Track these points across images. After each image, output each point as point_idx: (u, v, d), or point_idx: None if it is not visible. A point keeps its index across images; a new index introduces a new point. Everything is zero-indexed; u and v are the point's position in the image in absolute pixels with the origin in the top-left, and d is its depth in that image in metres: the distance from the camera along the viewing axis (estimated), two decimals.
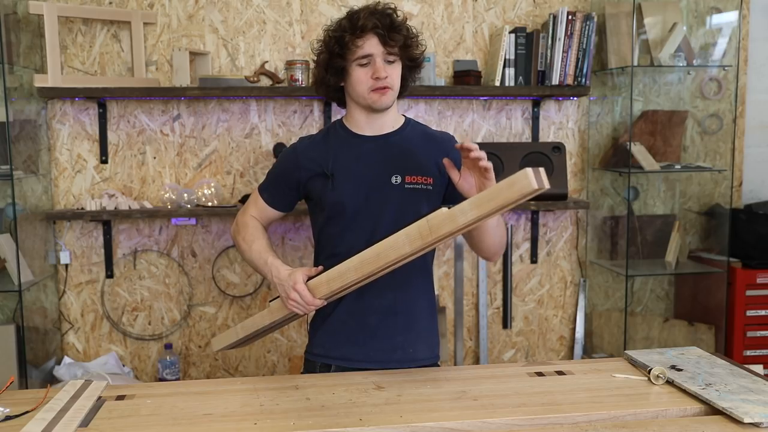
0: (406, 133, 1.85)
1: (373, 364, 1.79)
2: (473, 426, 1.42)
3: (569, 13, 2.86)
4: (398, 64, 1.76)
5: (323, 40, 1.79)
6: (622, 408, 1.49)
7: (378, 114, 1.80)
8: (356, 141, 1.83)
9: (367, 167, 1.80)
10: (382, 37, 1.71)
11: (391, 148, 1.81)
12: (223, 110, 2.92)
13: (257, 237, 1.86)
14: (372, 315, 1.80)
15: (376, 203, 1.78)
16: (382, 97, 1.75)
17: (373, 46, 1.71)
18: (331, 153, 1.82)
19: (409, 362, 1.81)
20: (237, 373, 3.03)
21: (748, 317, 3.06)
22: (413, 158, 1.81)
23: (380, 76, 1.72)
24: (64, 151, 2.86)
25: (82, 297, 2.93)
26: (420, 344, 1.85)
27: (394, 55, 1.74)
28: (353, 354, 1.81)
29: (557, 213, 3.14)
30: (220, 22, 2.88)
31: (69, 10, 2.70)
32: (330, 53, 1.75)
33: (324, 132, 1.91)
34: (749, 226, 3.10)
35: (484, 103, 3.04)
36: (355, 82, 1.75)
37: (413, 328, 1.84)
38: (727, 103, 3.17)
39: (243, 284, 2.99)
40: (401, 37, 1.73)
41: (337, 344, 1.82)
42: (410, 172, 1.79)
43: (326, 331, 1.85)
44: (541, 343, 3.20)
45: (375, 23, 1.69)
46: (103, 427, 1.43)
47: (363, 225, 1.78)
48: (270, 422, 1.43)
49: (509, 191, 1.38)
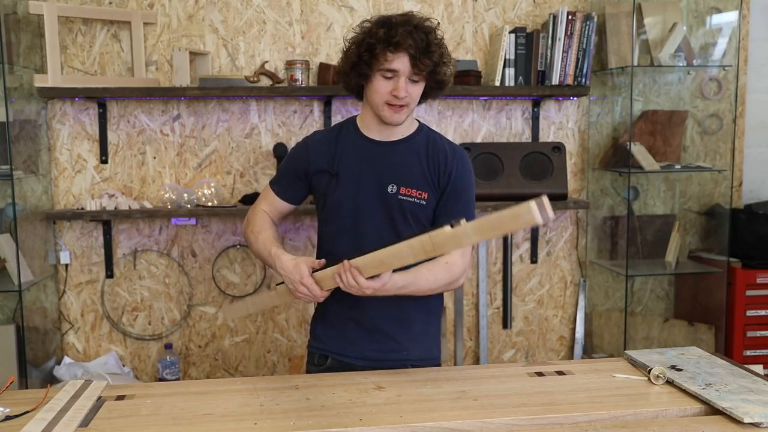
0: (414, 142, 1.85)
1: (368, 363, 1.82)
2: (473, 426, 1.42)
3: (569, 13, 2.86)
4: (422, 83, 1.76)
5: (356, 40, 1.76)
6: (622, 408, 1.49)
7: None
8: (364, 144, 1.84)
9: (368, 172, 1.82)
10: (413, 58, 1.69)
11: (394, 156, 1.82)
12: (223, 110, 2.92)
13: (264, 229, 1.88)
14: (368, 314, 1.82)
15: (367, 209, 1.80)
16: (395, 114, 1.75)
17: (402, 64, 1.70)
18: (338, 152, 1.84)
19: (403, 362, 1.83)
20: (237, 373, 3.03)
21: (748, 317, 3.06)
22: (413, 170, 1.81)
23: (399, 95, 1.72)
24: (64, 151, 2.86)
25: (82, 297, 2.93)
26: (415, 346, 1.86)
27: (421, 76, 1.73)
28: (348, 351, 1.85)
29: (557, 213, 3.13)
30: (220, 22, 2.88)
31: (69, 10, 2.70)
32: (359, 56, 1.74)
33: (338, 128, 1.91)
34: (749, 226, 3.10)
35: (484, 103, 3.04)
36: (374, 90, 1.75)
37: (408, 330, 1.85)
38: (727, 103, 3.17)
39: (243, 284, 2.99)
40: (431, 63, 1.71)
41: (334, 340, 1.87)
42: (406, 184, 1.80)
43: (324, 326, 1.90)
44: (541, 343, 3.20)
45: (410, 43, 1.68)
46: (103, 427, 1.43)
47: (354, 228, 1.81)
48: (270, 422, 1.43)
49: (513, 223, 1.41)
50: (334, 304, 1.82)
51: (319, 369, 1.89)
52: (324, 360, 1.88)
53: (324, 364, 1.89)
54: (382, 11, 2.92)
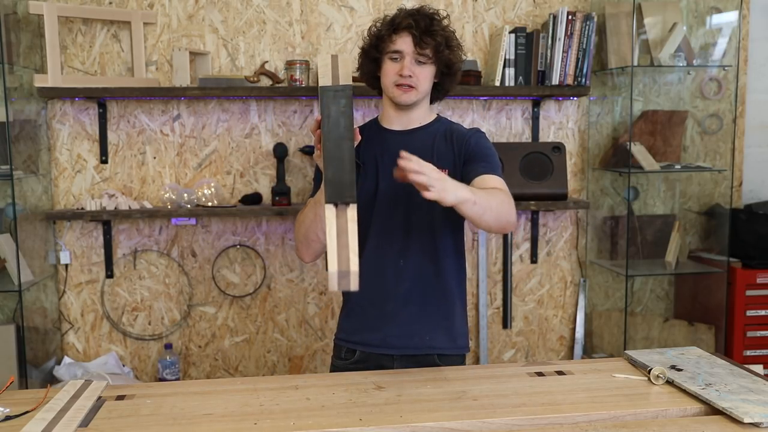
0: (433, 127, 1.92)
1: (391, 350, 1.86)
2: (473, 426, 1.42)
3: (569, 13, 2.86)
4: (430, 67, 1.84)
5: (368, 32, 1.90)
6: (622, 408, 1.49)
7: (405, 110, 1.88)
8: (384, 134, 1.92)
9: (391, 159, 1.85)
10: (416, 37, 1.79)
11: (413, 141, 1.88)
12: (223, 110, 2.92)
13: (304, 211, 1.91)
14: (390, 302, 1.85)
15: (395, 194, 1.85)
16: (404, 95, 1.83)
17: (405, 44, 1.80)
18: (361, 145, 1.89)
19: (427, 349, 1.85)
20: (237, 373, 3.03)
21: (748, 317, 3.06)
22: (432, 150, 1.87)
23: (404, 74, 1.80)
24: (64, 151, 2.87)
25: (82, 297, 2.93)
26: (438, 333, 1.87)
27: (426, 56, 1.81)
28: (372, 339, 1.88)
29: (557, 213, 3.14)
30: (220, 22, 2.88)
31: (69, 10, 2.70)
32: (369, 43, 1.88)
33: (363, 126, 2.00)
34: (749, 226, 3.10)
35: (484, 103, 3.04)
36: (384, 74, 1.85)
37: (430, 317, 1.87)
38: (727, 103, 3.17)
39: (243, 284, 2.99)
40: (434, 42, 1.80)
41: (358, 330, 1.91)
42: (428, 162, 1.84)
43: (348, 317, 1.95)
44: (541, 343, 3.20)
45: (410, 23, 1.79)
46: (103, 427, 1.43)
47: (380, 215, 1.85)
48: (270, 422, 1.43)
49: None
50: (358, 295, 1.84)
51: (346, 363, 1.92)
52: (352, 353, 1.91)
53: (352, 357, 1.92)
54: (382, 11, 2.92)
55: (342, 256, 1.48)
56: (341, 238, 1.52)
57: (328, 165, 1.59)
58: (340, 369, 1.92)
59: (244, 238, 2.97)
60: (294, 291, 3.01)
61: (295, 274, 3.01)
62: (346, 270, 1.45)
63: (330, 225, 1.53)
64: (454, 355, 1.91)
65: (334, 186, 1.56)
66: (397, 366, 1.86)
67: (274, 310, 3.01)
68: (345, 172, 1.59)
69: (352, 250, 1.49)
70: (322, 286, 3.02)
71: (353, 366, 1.89)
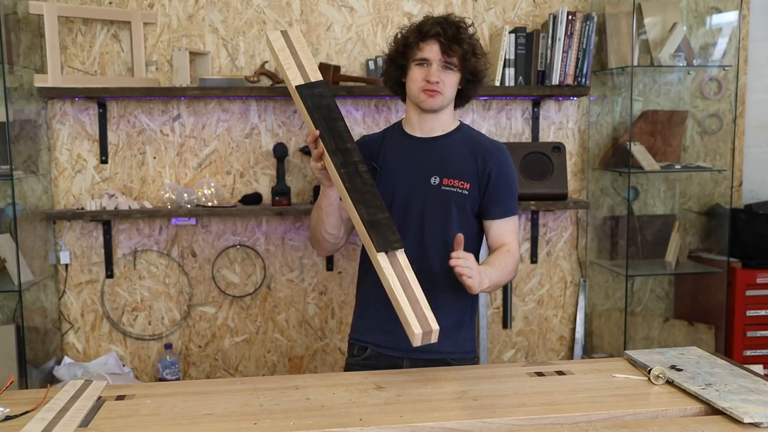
0: (455, 137, 1.95)
1: (401, 352, 1.89)
2: (473, 426, 1.43)
3: (569, 13, 2.86)
4: (455, 74, 1.88)
5: (394, 39, 1.94)
6: (622, 408, 1.49)
7: (429, 115, 1.92)
8: (407, 141, 1.95)
9: (410, 166, 1.92)
10: (443, 45, 1.83)
11: (436, 149, 1.92)
12: (223, 110, 2.92)
13: (311, 215, 2.02)
14: None
15: (411, 201, 1.90)
16: (430, 99, 1.87)
17: (432, 51, 1.85)
18: (383, 149, 1.95)
19: (434, 353, 1.86)
20: (237, 373, 3.03)
21: (748, 317, 3.07)
22: (455, 162, 1.91)
23: (431, 80, 1.84)
24: (64, 151, 2.87)
25: (82, 297, 2.93)
26: (446, 340, 1.86)
27: (452, 64, 1.86)
28: (382, 340, 1.93)
29: (557, 213, 3.14)
30: (220, 22, 2.88)
31: (69, 10, 2.70)
32: (396, 50, 1.92)
33: (384, 130, 2.05)
34: (749, 226, 3.10)
35: (484, 103, 3.04)
36: (411, 79, 1.89)
37: (439, 323, 1.86)
38: (727, 103, 3.17)
39: (243, 284, 2.99)
40: (461, 50, 1.84)
41: (369, 329, 1.96)
42: (449, 175, 1.90)
43: (361, 317, 2.00)
44: (541, 343, 3.20)
45: (438, 31, 1.83)
46: (103, 427, 1.43)
47: (398, 218, 1.86)
48: (270, 422, 1.43)
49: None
50: (372, 297, 1.92)
51: (358, 360, 1.97)
52: (363, 351, 1.96)
53: (363, 354, 1.96)
54: (382, 11, 2.92)
55: (418, 313, 1.57)
56: (407, 291, 1.61)
57: (353, 194, 1.70)
58: (352, 366, 1.97)
59: (244, 238, 2.97)
60: (294, 291, 3.01)
61: (295, 274, 3.01)
62: (429, 330, 1.55)
63: (391, 278, 1.62)
64: (462, 359, 1.94)
65: (377, 232, 1.65)
66: (407, 367, 1.88)
67: (274, 310, 3.01)
68: (377, 209, 1.69)
69: (422, 302, 1.59)
70: (322, 286, 3.02)
71: (365, 362, 1.93)
